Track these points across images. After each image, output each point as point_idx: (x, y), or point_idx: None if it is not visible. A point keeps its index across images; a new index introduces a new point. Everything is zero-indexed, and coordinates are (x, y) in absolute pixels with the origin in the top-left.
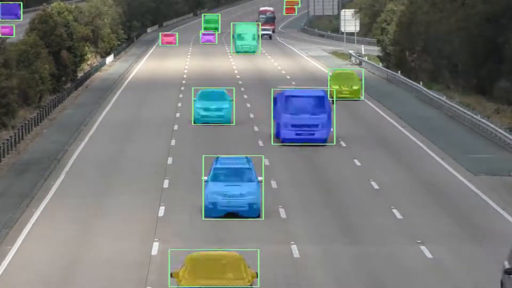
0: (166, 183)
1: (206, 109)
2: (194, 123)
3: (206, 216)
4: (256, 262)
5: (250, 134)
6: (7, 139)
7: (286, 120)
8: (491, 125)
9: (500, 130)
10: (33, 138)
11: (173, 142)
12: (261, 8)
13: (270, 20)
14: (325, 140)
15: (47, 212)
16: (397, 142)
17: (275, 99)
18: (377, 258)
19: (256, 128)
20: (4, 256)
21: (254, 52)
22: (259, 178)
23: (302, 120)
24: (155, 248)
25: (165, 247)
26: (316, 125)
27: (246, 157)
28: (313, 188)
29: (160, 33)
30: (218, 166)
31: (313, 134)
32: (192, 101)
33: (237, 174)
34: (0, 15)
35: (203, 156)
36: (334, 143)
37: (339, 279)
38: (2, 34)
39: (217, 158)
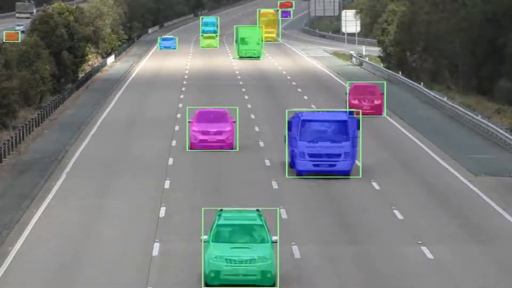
0: (167, 184)
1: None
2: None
3: (207, 286)
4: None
5: (251, 134)
6: (8, 140)
7: (302, 149)
8: (492, 126)
9: (500, 131)
10: (34, 138)
11: (174, 143)
12: (262, 10)
13: (272, 23)
14: (348, 172)
15: (48, 213)
16: (397, 143)
17: (289, 123)
18: (378, 258)
19: (257, 129)
20: (5, 256)
21: (258, 57)
22: (274, 238)
23: (321, 149)
24: (156, 248)
25: (166, 247)
26: (338, 155)
27: (257, 210)
28: (313, 188)
29: (159, 37)
30: (221, 222)
31: (334, 165)
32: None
33: (246, 233)
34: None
35: (203, 208)
36: (360, 176)
37: (340, 279)
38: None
39: (220, 211)
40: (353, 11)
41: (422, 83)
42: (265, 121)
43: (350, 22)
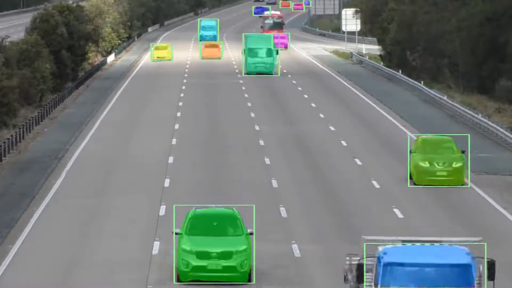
0: (167, 182)
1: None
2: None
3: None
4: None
5: (251, 133)
6: (8, 138)
7: None
8: (492, 125)
9: (501, 130)
10: (34, 137)
11: (174, 141)
12: (266, 13)
13: (278, 27)
14: None
15: (48, 211)
16: (398, 142)
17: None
18: None
19: (257, 127)
20: (5, 255)
21: (270, 72)
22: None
23: None
24: (156, 247)
25: (166, 246)
26: None
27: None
28: (314, 187)
29: (151, 45)
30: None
31: None
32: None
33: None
34: None
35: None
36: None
37: (339, 278)
38: None
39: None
40: (353, 9)
41: (422, 82)
42: (265, 120)
43: (350, 20)
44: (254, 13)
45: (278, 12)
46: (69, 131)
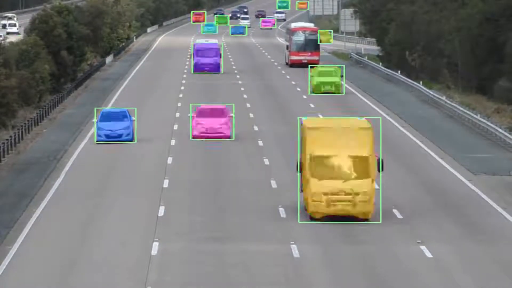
0: (166, 183)
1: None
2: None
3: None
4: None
5: (250, 133)
6: (7, 139)
7: None
8: (491, 125)
9: (500, 130)
10: (33, 138)
11: (173, 142)
12: (294, 25)
13: (312, 46)
14: None
15: (47, 212)
16: (397, 142)
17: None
18: (377, 258)
19: (256, 128)
20: (4, 256)
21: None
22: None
23: None
24: (155, 248)
25: (165, 247)
26: None
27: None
28: None
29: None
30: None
31: None
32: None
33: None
34: None
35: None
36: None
37: (339, 279)
38: None
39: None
40: (352, 10)
41: (421, 82)
42: (264, 120)
43: (349, 21)
44: (232, 33)
45: (310, 24)
46: (68, 132)
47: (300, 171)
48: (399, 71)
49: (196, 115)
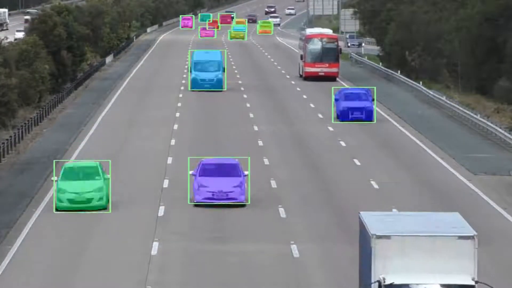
0: (166, 183)
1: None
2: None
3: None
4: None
5: (250, 134)
6: (7, 139)
7: None
8: (491, 125)
9: (500, 130)
10: (33, 138)
11: (173, 142)
12: (310, 32)
13: (330, 56)
14: None
15: (47, 212)
16: (397, 142)
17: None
18: None
19: (256, 128)
20: (4, 256)
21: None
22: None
23: None
24: (155, 247)
25: (165, 247)
26: None
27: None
28: (312, 187)
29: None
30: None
31: None
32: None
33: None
34: None
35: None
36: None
37: (338, 279)
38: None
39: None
40: (352, 10)
41: (421, 82)
42: (264, 121)
43: (349, 21)
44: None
45: (328, 31)
46: (68, 132)
47: None
48: (399, 71)
49: (199, 173)
